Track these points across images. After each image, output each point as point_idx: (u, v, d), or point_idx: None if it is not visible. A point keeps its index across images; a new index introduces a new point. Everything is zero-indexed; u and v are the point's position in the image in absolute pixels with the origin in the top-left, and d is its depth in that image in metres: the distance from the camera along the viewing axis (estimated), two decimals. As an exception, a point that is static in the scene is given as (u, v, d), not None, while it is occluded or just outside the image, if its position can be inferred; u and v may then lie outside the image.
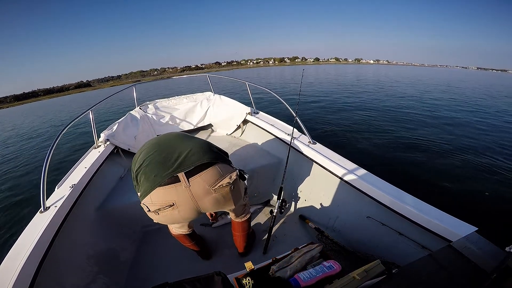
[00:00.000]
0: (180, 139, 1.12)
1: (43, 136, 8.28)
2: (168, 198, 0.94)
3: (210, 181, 0.96)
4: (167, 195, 0.94)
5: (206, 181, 0.96)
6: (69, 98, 40.65)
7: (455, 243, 0.57)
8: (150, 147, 1.08)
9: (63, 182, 1.43)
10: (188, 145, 1.05)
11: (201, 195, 0.96)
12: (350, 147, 4.16)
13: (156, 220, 1.03)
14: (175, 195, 0.94)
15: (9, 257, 0.90)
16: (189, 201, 0.96)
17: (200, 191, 0.95)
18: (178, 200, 0.95)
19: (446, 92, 12.24)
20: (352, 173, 1.32)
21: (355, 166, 1.39)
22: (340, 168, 1.38)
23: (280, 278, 0.87)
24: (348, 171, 1.34)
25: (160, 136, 1.19)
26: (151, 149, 1.06)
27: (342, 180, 1.37)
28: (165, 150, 1.03)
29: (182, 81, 23.02)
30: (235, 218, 1.34)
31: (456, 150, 3.95)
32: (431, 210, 1.02)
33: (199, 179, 0.95)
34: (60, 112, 17.06)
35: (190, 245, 1.38)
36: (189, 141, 1.10)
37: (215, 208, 1.06)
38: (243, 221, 1.35)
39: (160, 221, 1.04)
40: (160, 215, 0.98)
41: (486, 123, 5.77)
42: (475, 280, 0.45)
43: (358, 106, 7.58)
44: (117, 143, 2.06)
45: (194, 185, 0.94)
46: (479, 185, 2.89)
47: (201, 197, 0.96)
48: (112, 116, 8.44)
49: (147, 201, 0.95)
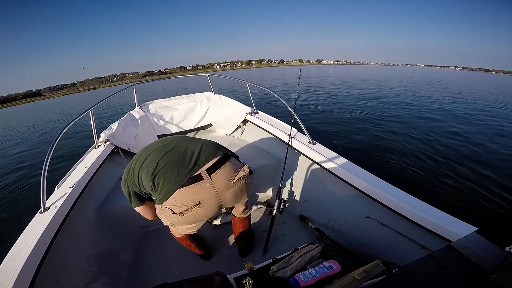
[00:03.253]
0: (185, 139, 1.13)
1: (43, 136, 8.28)
2: (195, 197, 0.95)
3: (228, 175, 1.00)
4: (193, 194, 0.95)
5: (225, 175, 0.99)
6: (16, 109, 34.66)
7: (455, 243, 0.57)
8: (157, 150, 1.06)
9: (63, 182, 1.43)
10: (197, 143, 1.08)
11: (223, 190, 0.99)
12: (348, 146, 4.16)
13: (174, 222, 1.08)
14: (201, 193, 0.95)
15: (9, 257, 0.90)
16: (214, 197, 0.98)
17: (222, 186, 0.99)
18: (204, 198, 0.96)
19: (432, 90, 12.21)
20: (352, 173, 1.32)
21: (355, 166, 1.39)
22: (340, 168, 1.38)
23: (280, 278, 0.88)
24: (348, 171, 1.34)
25: (161, 139, 1.18)
26: (159, 151, 1.04)
27: (342, 180, 1.37)
28: (176, 150, 1.03)
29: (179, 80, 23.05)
30: (239, 214, 1.35)
31: (456, 150, 3.95)
32: (431, 210, 1.02)
33: (219, 175, 0.98)
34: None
35: (192, 247, 1.37)
36: (195, 140, 1.12)
37: (233, 201, 1.09)
38: (246, 217, 1.38)
39: (180, 222, 1.08)
40: (185, 216, 0.99)
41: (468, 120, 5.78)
42: (475, 280, 0.45)
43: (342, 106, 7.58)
44: (117, 143, 2.06)
45: (216, 181, 0.97)
46: (479, 185, 2.89)
47: (223, 191, 1.00)
48: (112, 116, 8.44)
49: (171, 203, 0.95)
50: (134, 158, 1.10)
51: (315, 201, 1.69)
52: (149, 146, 1.13)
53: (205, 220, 1.19)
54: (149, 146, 1.14)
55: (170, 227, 1.27)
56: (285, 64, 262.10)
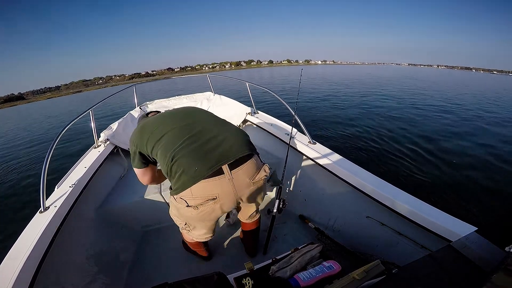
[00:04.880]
0: (211, 122, 1.03)
1: (43, 136, 8.27)
2: (213, 191, 0.90)
3: (250, 173, 0.96)
4: (212, 188, 0.89)
5: (247, 173, 0.95)
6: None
7: (454, 243, 0.57)
8: (178, 129, 0.97)
9: (62, 182, 1.43)
10: (224, 131, 0.98)
11: (242, 187, 0.95)
12: (348, 146, 4.17)
13: (187, 218, 1.04)
14: (219, 187, 0.90)
15: (9, 257, 0.90)
16: (231, 193, 0.94)
17: (241, 184, 0.94)
18: (221, 193, 0.91)
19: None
20: (352, 173, 1.32)
21: (355, 166, 1.39)
22: (340, 168, 1.38)
23: (280, 278, 0.87)
24: (348, 171, 1.34)
25: (185, 112, 1.08)
26: (181, 132, 0.95)
27: (342, 180, 1.37)
28: (200, 136, 0.94)
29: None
30: (246, 218, 1.29)
31: (455, 149, 3.95)
32: (431, 210, 1.02)
33: (240, 172, 0.93)
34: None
35: (201, 250, 1.37)
36: (221, 126, 1.02)
37: (249, 200, 1.05)
38: (253, 222, 1.33)
39: (193, 218, 1.02)
40: (200, 210, 0.93)
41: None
42: (474, 280, 0.45)
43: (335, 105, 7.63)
44: (117, 142, 2.06)
45: (237, 178, 0.92)
46: (479, 185, 2.89)
47: (242, 189, 0.96)
48: (111, 116, 8.44)
49: (187, 195, 0.90)
50: (153, 123, 1.02)
51: (315, 201, 1.69)
52: (169, 116, 1.04)
53: (216, 219, 1.10)
54: (169, 115, 1.05)
55: (183, 232, 1.21)
56: (274, 65, 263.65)
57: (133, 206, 1.60)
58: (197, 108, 1.16)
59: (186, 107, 1.18)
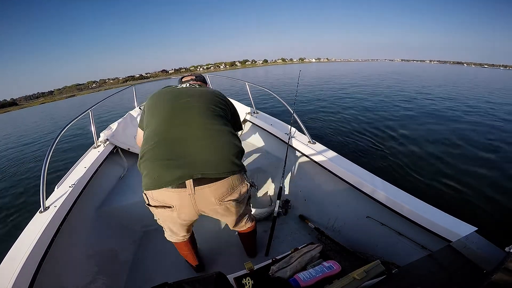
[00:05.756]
0: (202, 118, 0.91)
1: (43, 136, 8.27)
2: (171, 201, 0.85)
3: (217, 194, 0.86)
4: (170, 198, 0.84)
5: (214, 193, 0.85)
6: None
7: (454, 243, 0.57)
8: (162, 123, 0.91)
9: (62, 182, 1.43)
10: (206, 137, 0.87)
11: (204, 205, 0.87)
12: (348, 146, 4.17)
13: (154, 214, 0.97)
14: (177, 199, 0.84)
15: (9, 257, 0.90)
16: (190, 207, 0.86)
17: (204, 202, 0.86)
18: (178, 205, 0.86)
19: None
20: (352, 173, 1.32)
21: (355, 166, 1.39)
22: (340, 168, 1.38)
23: (280, 279, 0.87)
24: (348, 171, 1.34)
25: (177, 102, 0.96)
26: (162, 126, 0.90)
27: (342, 180, 1.37)
28: (173, 140, 0.86)
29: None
30: (233, 227, 1.19)
31: (455, 149, 3.95)
32: (431, 210, 1.02)
33: (207, 190, 0.83)
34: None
35: (186, 254, 1.26)
36: (209, 130, 0.89)
37: (219, 216, 0.99)
38: (245, 230, 1.26)
39: (157, 217, 0.98)
40: (157, 211, 0.90)
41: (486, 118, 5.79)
42: (474, 280, 0.45)
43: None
44: (117, 143, 2.06)
45: (200, 195, 0.83)
46: (479, 185, 2.89)
47: (204, 206, 0.88)
48: (111, 116, 8.44)
49: (148, 194, 0.87)
50: (159, 98, 1.00)
51: (315, 201, 1.69)
52: (169, 99, 0.98)
53: (180, 225, 1.01)
54: (169, 98, 0.99)
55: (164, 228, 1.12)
56: (269, 64, 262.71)
57: (133, 206, 1.60)
58: (200, 97, 1.00)
59: (194, 91, 1.04)
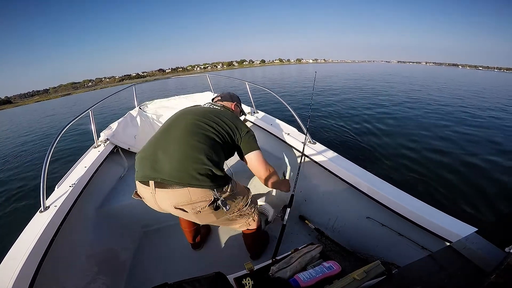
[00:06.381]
0: (186, 131, 1.00)
1: (43, 137, 8.28)
2: (140, 193, 1.02)
3: (173, 200, 0.93)
4: (140, 190, 1.01)
5: (170, 199, 0.93)
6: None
7: (454, 243, 0.57)
8: (160, 132, 1.07)
9: (63, 181, 1.43)
10: (179, 148, 0.95)
11: (163, 205, 0.97)
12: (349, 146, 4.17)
13: None
14: (144, 193, 0.99)
15: (9, 257, 0.90)
16: (153, 203, 0.99)
17: (162, 202, 0.96)
18: (146, 198, 1.01)
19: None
20: (352, 173, 1.32)
21: (355, 166, 1.39)
22: (340, 168, 1.38)
23: (280, 279, 0.87)
24: (348, 171, 1.34)
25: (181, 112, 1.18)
26: (159, 134, 1.06)
27: (342, 180, 1.37)
28: (158, 146, 0.98)
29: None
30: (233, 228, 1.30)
31: (454, 149, 3.95)
32: (431, 211, 1.02)
33: (164, 194, 0.92)
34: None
35: (185, 231, 1.42)
36: (179, 144, 0.96)
37: (180, 216, 1.06)
38: (245, 231, 1.30)
39: None
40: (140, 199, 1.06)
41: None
42: (474, 280, 0.45)
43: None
44: (117, 142, 2.06)
45: (159, 196, 0.94)
46: (479, 185, 2.89)
47: (165, 206, 0.98)
48: (111, 116, 8.44)
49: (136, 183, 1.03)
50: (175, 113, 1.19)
51: (315, 201, 1.69)
52: (176, 115, 1.17)
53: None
54: (176, 115, 1.16)
55: None
56: (266, 64, 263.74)
57: (133, 206, 1.60)
58: (197, 115, 1.10)
59: (201, 109, 1.20)
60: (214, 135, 1.02)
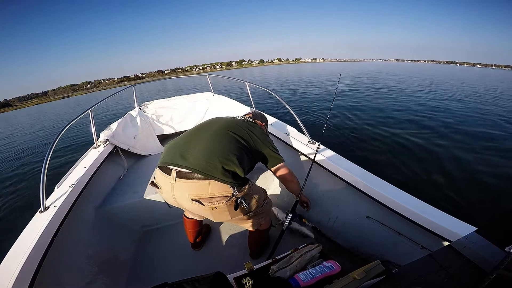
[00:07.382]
0: (211, 132, 1.07)
1: (43, 136, 8.28)
2: (158, 182, 1.03)
3: (192, 192, 0.94)
4: (159, 178, 1.02)
5: (189, 190, 0.94)
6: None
7: (454, 243, 0.57)
8: (196, 127, 1.15)
9: (62, 182, 1.43)
10: (207, 143, 1.00)
11: (180, 197, 0.97)
12: (352, 147, 4.16)
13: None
14: (163, 183, 1.00)
15: (9, 257, 0.90)
16: (170, 195, 0.99)
17: (180, 194, 0.97)
18: (163, 188, 1.01)
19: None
20: (352, 173, 1.32)
21: (355, 166, 1.39)
22: (340, 167, 1.38)
23: (280, 278, 0.87)
24: (348, 171, 1.34)
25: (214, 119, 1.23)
26: (195, 128, 1.14)
27: (342, 180, 1.37)
28: (190, 138, 1.06)
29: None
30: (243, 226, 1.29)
31: (454, 149, 3.95)
32: (431, 210, 1.02)
33: (183, 184, 0.94)
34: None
35: (188, 232, 1.43)
36: (211, 139, 1.03)
37: (193, 211, 1.08)
38: (255, 230, 1.30)
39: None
40: (154, 187, 1.07)
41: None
42: (474, 280, 0.45)
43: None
44: (117, 143, 2.06)
45: (178, 187, 0.95)
46: (479, 185, 2.89)
47: (180, 198, 0.98)
48: (111, 116, 8.44)
49: (155, 171, 1.05)
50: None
51: (315, 201, 1.68)
52: (206, 121, 1.23)
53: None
54: (207, 120, 1.23)
55: None
56: (265, 64, 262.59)
57: (133, 206, 1.60)
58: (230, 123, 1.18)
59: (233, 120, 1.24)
60: (244, 142, 1.09)
